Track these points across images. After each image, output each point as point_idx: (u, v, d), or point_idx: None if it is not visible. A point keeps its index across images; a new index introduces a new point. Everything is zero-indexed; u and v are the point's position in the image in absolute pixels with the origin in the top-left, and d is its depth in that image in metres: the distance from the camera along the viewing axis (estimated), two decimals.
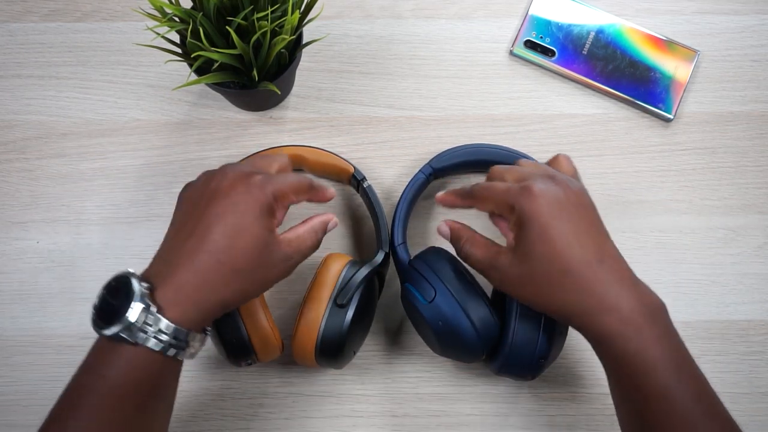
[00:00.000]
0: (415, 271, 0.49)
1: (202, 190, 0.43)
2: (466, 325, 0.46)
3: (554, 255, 0.42)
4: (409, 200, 0.55)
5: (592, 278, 0.42)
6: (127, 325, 0.38)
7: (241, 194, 0.42)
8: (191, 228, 0.42)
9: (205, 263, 0.40)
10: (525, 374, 0.48)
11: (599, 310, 0.41)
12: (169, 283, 0.40)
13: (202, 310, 0.40)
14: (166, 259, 0.42)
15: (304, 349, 0.48)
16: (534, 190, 0.43)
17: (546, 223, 0.42)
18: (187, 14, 0.49)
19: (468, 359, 0.50)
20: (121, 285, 0.39)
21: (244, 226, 0.41)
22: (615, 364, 0.42)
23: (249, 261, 0.41)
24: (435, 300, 0.47)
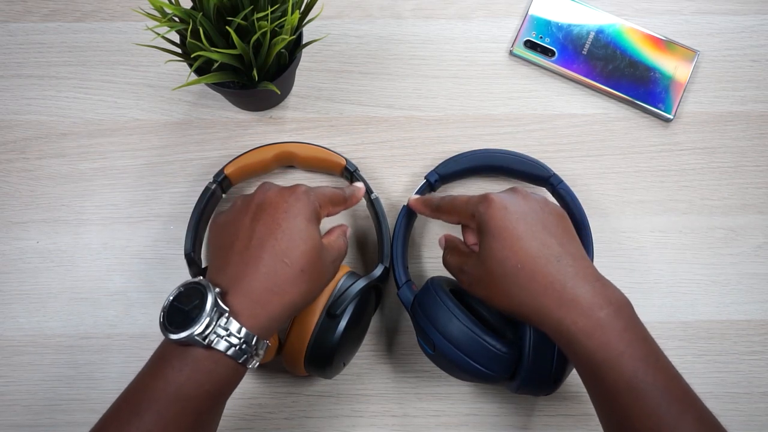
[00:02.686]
0: (414, 320, 0.49)
1: (246, 207, 0.45)
2: (473, 368, 0.46)
3: (510, 252, 0.43)
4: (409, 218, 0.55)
5: (549, 273, 0.42)
6: (201, 329, 0.38)
7: (291, 202, 0.44)
8: (246, 239, 0.43)
9: (271, 266, 0.42)
10: (542, 392, 0.48)
11: (557, 305, 0.41)
12: (238, 288, 0.41)
13: (271, 315, 0.41)
14: (227, 272, 0.42)
15: (293, 357, 0.48)
16: (491, 197, 0.46)
17: (501, 225, 0.44)
18: (187, 14, 0.49)
19: (487, 386, 0.53)
20: (193, 291, 0.40)
21: (301, 229, 0.43)
22: (579, 360, 0.41)
23: (310, 261, 0.43)
24: (436, 351, 0.47)
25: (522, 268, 0.43)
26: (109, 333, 0.56)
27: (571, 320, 0.41)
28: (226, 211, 0.47)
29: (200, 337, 0.39)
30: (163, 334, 0.40)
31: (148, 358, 0.41)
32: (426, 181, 0.56)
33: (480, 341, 0.46)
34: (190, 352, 0.39)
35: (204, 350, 0.39)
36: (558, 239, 0.44)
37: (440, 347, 0.47)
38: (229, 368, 0.40)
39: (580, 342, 0.40)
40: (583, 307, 0.41)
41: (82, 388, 0.55)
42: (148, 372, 0.41)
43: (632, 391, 0.39)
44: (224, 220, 0.47)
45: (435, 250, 0.58)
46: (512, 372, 0.47)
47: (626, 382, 0.39)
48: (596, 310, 0.40)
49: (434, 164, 0.58)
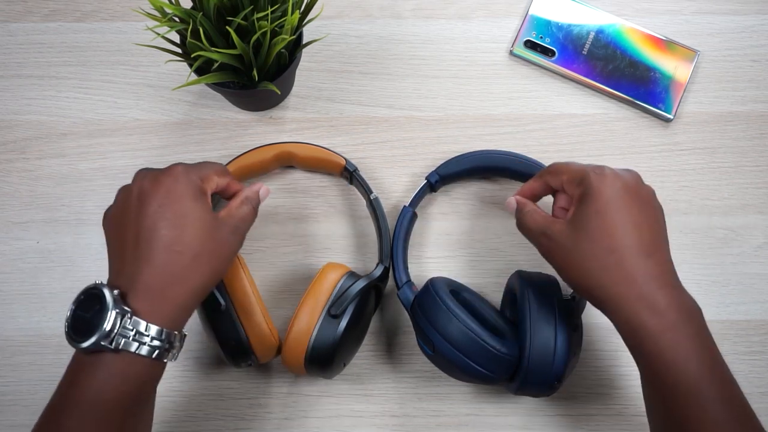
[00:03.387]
0: (414, 321, 0.49)
1: (127, 200, 0.43)
2: (472, 369, 0.46)
3: (606, 233, 0.42)
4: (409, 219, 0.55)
5: (636, 267, 0.41)
6: (105, 333, 0.38)
7: (170, 184, 0.42)
8: (134, 235, 0.41)
9: (164, 258, 0.40)
10: (542, 393, 0.48)
11: (636, 298, 0.41)
12: (137, 286, 0.40)
13: (177, 306, 0.40)
14: (124, 271, 0.41)
15: (294, 357, 0.48)
16: (607, 172, 0.44)
17: (608, 202, 0.43)
18: (187, 14, 0.49)
19: (487, 387, 0.53)
20: (92, 297, 0.39)
21: (186, 212, 0.42)
22: (646, 358, 0.41)
23: (203, 243, 0.41)
24: (435, 352, 0.47)
25: (613, 253, 0.42)
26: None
27: (646, 316, 0.40)
28: (112, 205, 0.45)
29: (107, 342, 0.38)
30: (71, 344, 0.39)
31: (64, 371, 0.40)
32: (426, 181, 0.56)
33: (480, 342, 0.46)
34: (101, 358, 0.38)
35: (113, 354, 0.38)
36: (654, 236, 0.43)
37: (440, 348, 0.47)
38: (145, 366, 0.40)
39: (650, 339, 0.40)
40: (659, 307, 0.41)
41: None
42: (65, 383, 0.40)
43: (695, 397, 0.39)
44: (111, 215, 0.44)
45: (435, 251, 0.58)
46: (512, 373, 0.47)
47: (691, 386, 0.39)
48: (670, 313, 0.40)
49: (434, 164, 0.58)
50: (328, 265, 0.51)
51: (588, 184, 0.44)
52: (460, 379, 0.49)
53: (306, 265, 0.58)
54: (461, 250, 0.58)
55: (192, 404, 0.54)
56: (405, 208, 0.55)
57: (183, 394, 0.54)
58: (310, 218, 0.59)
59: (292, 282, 0.57)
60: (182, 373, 0.55)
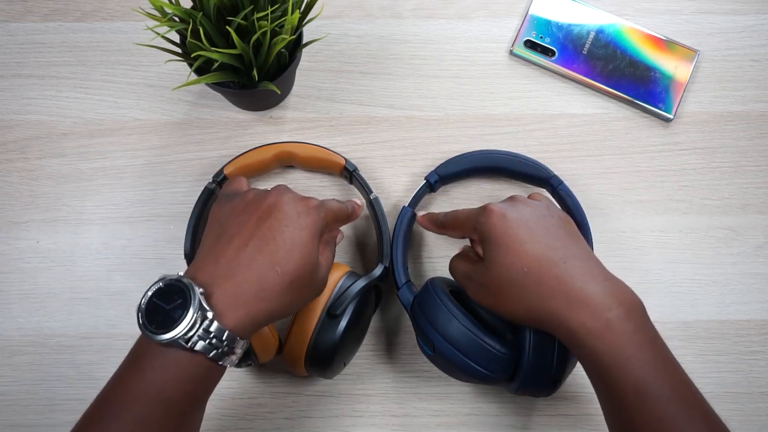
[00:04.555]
0: (414, 321, 0.49)
1: (257, 205, 0.44)
2: (472, 369, 0.46)
3: (515, 258, 0.43)
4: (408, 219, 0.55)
5: (557, 276, 0.42)
6: (185, 331, 0.37)
7: (302, 213, 0.43)
8: (247, 237, 0.42)
9: (263, 273, 0.41)
10: (542, 393, 0.48)
11: (566, 306, 0.41)
12: (226, 288, 0.40)
13: (253, 319, 0.40)
14: (219, 263, 0.41)
15: (294, 357, 0.48)
16: (490, 207, 0.46)
17: (502, 233, 0.44)
18: (187, 14, 0.49)
19: (486, 386, 0.53)
20: (175, 289, 0.39)
21: (302, 243, 0.42)
22: (588, 362, 0.41)
23: (302, 276, 0.42)
24: (435, 352, 0.47)
25: (528, 272, 0.42)
26: (109, 333, 0.56)
27: (580, 321, 0.40)
28: (235, 199, 0.45)
29: (183, 340, 0.38)
30: (144, 334, 0.38)
31: (125, 357, 0.40)
32: (426, 181, 0.56)
33: (479, 342, 0.46)
34: (172, 354, 0.38)
35: (186, 352, 0.38)
36: (562, 241, 0.44)
37: (440, 348, 0.47)
38: (210, 369, 0.39)
39: (588, 344, 0.40)
40: (592, 308, 0.40)
41: (82, 388, 0.55)
42: (127, 372, 0.39)
43: (639, 396, 0.39)
44: (230, 209, 0.45)
45: (435, 251, 0.58)
46: (512, 373, 0.47)
47: (633, 386, 0.39)
48: (605, 311, 0.40)
49: (434, 164, 0.58)
50: None
51: (480, 227, 0.46)
52: (460, 379, 0.49)
53: None
54: None
55: None
56: (404, 208, 0.55)
57: None
58: None
59: None
60: None
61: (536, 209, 0.46)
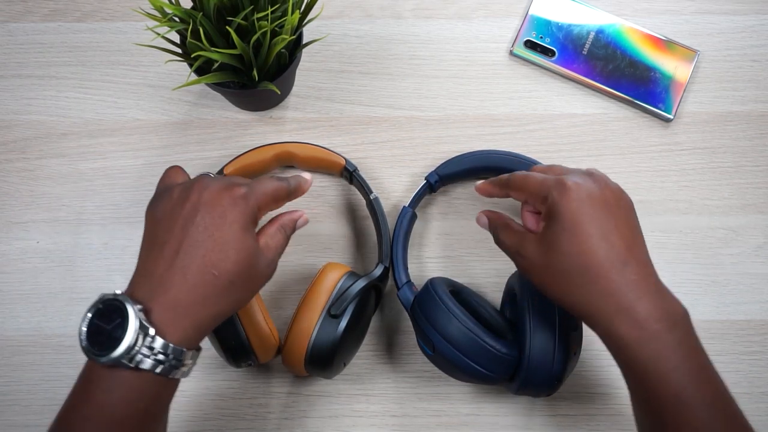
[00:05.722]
0: (414, 321, 0.49)
1: (181, 203, 0.42)
2: (472, 369, 0.46)
3: (578, 251, 0.42)
4: (409, 219, 0.55)
5: (612, 280, 0.41)
6: (126, 350, 0.37)
7: (227, 206, 0.41)
8: (177, 244, 0.40)
9: (200, 278, 0.39)
10: (542, 393, 0.48)
11: (615, 312, 0.40)
12: (163, 302, 0.39)
13: (198, 327, 0.40)
14: (153, 277, 0.40)
15: (294, 357, 0.48)
16: (568, 184, 0.43)
17: (574, 218, 0.42)
18: (187, 14, 0.49)
19: (487, 387, 0.53)
20: (113, 309, 0.38)
21: (234, 239, 0.41)
22: (630, 369, 0.41)
23: (242, 272, 0.41)
24: (435, 353, 0.47)
25: (587, 269, 0.41)
26: None
27: (626, 329, 0.40)
28: (161, 200, 0.43)
29: (126, 359, 0.37)
30: (87, 356, 0.38)
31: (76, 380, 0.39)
32: (426, 181, 0.56)
33: (480, 342, 0.46)
34: (118, 374, 0.37)
35: (131, 371, 0.37)
36: (627, 241, 0.43)
37: (440, 348, 0.47)
38: (160, 383, 0.39)
39: (632, 351, 0.40)
40: (639, 317, 0.40)
41: None
42: (78, 396, 0.39)
43: (679, 405, 0.39)
44: (160, 211, 0.42)
45: (435, 251, 0.58)
46: (512, 373, 0.47)
47: (674, 395, 0.39)
48: (652, 322, 0.40)
49: (434, 164, 0.58)
50: (328, 265, 0.51)
51: (552, 202, 0.43)
52: (460, 379, 0.49)
53: (306, 265, 0.58)
54: (461, 250, 0.58)
55: (192, 404, 0.54)
56: (404, 208, 0.55)
57: (183, 394, 0.54)
58: (310, 218, 0.59)
59: (292, 282, 0.57)
60: None
61: (610, 194, 0.44)
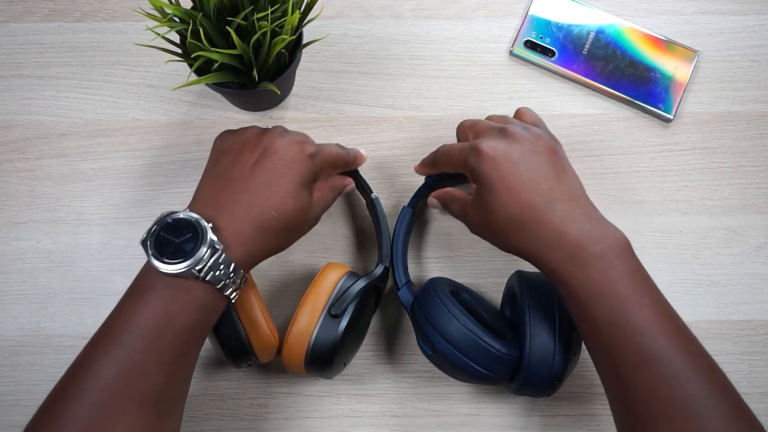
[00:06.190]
0: (414, 321, 0.49)
1: (254, 145, 0.46)
2: (472, 369, 0.47)
3: (502, 205, 0.45)
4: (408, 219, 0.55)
5: (538, 221, 0.44)
6: (197, 261, 0.39)
7: (296, 159, 0.46)
8: (243, 181, 0.45)
9: (262, 215, 0.44)
10: (542, 393, 0.48)
11: (545, 248, 0.43)
12: (229, 227, 0.43)
13: (253, 255, 0.44)
14: (220, 205, 0.44)
15: (294, 357, 0.48)
16: (480, 148, 0.46)
17: (492, 177, 0.45)
18: (187, 14, 0.49)
19: (487, 387, 0.53)
20: (184, 224, 0.41)
21: (295, 189, 0.45)
22: (566, 297, 0.43)
23: (295, 219, 0.46)
24: (435, 353, 0.47)
25: (513, 218, 0.44)
26: None
27: (557, 261, 0.42)
28: (235, 134, 0.48)
29: (195, 270, 0.40)
30: (155, 265, 0.40)
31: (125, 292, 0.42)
32: (426, 182, 0.56)
33: (479, 342, 0.46)
34: (181, 283, 0.40)
35: (197, 282, 0.40)
36: (548, 183, 0.45)
37: (440, 348, 0.47)
38: (215, 298, 0.42)
39: (563, 280, 0.42)
40: (568, 248, 0.42)
41: None
42: (134, 304, 0.41)
43: (613, 328, 0.40)
44: (230, 145, 0.47)
45: (435, 251, 0.58)
46: (512, 373, 0.47)
47: (606, 319, 0.40)
48: (581, 250, 0.42)
49: None
50: (328, 265, 0.51)
51: (471, 167, 0.47)
52: (460, 379, 0.49)
53: (306, 265, 0.58)
54: (461, 250, 0.58)
55: (192, 404, 0.54)
56: (404, 208, 0.55)
57: None
58: None
59: (292, 282, 0.57)
60: None
61: (526, 144, 0.47)
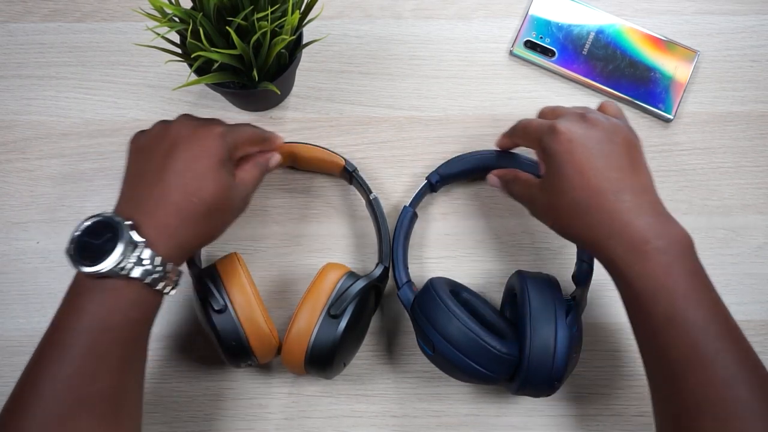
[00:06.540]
0: (414, 321, 0.49)
1: (162, 138, 0.46)
2: (472, 369, 0.47)
3: (570, 187, 0.45)
4: (409, 219, 0.55)
5: (606, 208, 0.43)
6: (118, 259, 0.39)
7: (206, 141, 0.45)
8: (159, 173, 0.44)
9: (182, 204, 0.43)
10: (542, 394, 0.48)
11: (608, 235, 0.43)
12: (149, 221, 0.42)
13: (181, 246, 0.43)
14: (138, 201, 0.43)
15: (293, 357, 0.48)
16: (558, 128, 0.46)
17: (565, 158, 0.45)
18: (187, 14, 0.49)
19: (487, 387, 0.53)
20: (102, 225, 0.41)
21: (212, 170, 0.45)
22: (624, 292, 0.43)
23: (218, 201, 0.45)
24: (435, 353, 0.47)
25: (580, 202, 0.44)
26: None
27: (620, 250, 0.42)
28: (145, 134, 0.47)
29: (118, 269, 0.40)
30: (77, 267, 0.40)
31: (61, 302, 0.42)
32: (427, 181, 0.56)
33: (479, 342, 0.46)
34: (109, 284, 0.40)
35: (122, 280, 0.40)
36: (620, 173, 0.45)
37: (440, 348, 0.47)
38: (148, 295, 0.42)
39: (622, 271, 0.42)
40: (631, 239, 0.42)
41: None
42: (68, 311, 0.41)
43: (670, 324, 0.40)
44: (141, 145, 0.47)
45: (435, 251, 0.58)
46: (512, 373, 0.47)
47: (664, 315, 0.40)
48: (643, 243, 0.42)
49: (434, 164, 0.58)
50: (327, 265, 0.51)
51: (545, 146, 0.47)
52: (460, 379, 0.49)
53: (306, 265, 0.58)
54: (461, 250, 0.58)
55: (192, 404, 0.54)
56: (405, 207, 0.55)
57: (184, 394, 0.54)
58: (310, 218, 0.59)
59: (292, 282, 0.57)
60: (183, 373, 0.55)
61: (602, 132, 0.46)
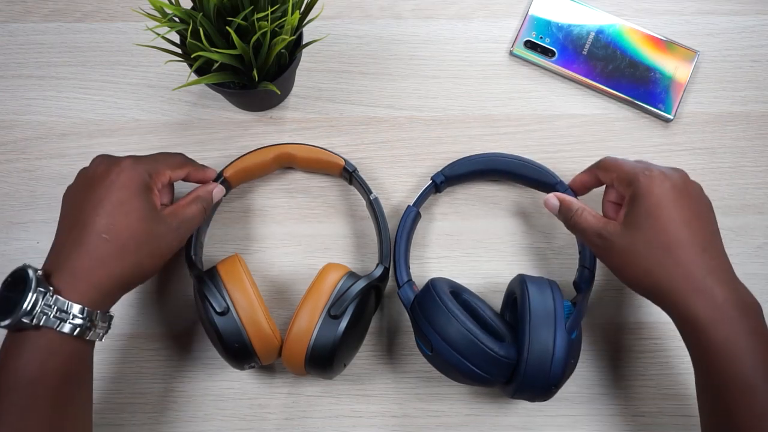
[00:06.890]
0: (414, 321, 0.49)
1: (79, 184, 0.46)
2: (469, 370, 0.46)
3: (660, 231, 0.44)
4: (412, 218, 0.55)
5: (692, 261, 0.43)
6: (26, 311, 0.39)
7: (114, 175, 0.45)
8: (74, 219, 0.44)
9: (92, 244, 0.42)
10: (538, 398, 0.48)
11: (692, 291, 0.42)
12: (63, 268, 0.42)
13: (99, 288, 0.42)
14: (57, 250, 0.44)
15: (294, 358, 0.48)
16: (655, 172, 0.46)
17: (658, 202, 0.44)
18: (187, 14, 0.49)
19: (482, 389, 0.53)
20: (19, 279, 0.41)
21: (123, 202, 0.44)
22: (701, 351, 0.42)
23: (134, 235, 0.44)
24: (433, 352, 0.47)
25: (668, 250, 0.43)
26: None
27: (703, 309, 0.41)
28: (71, 185, 0.48)
29: (28, 319, 0.39)
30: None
31: None
32: (432, 181, 0.56)
33: (477, 344, 0.46)
34: (25, 336, 0.40)
35: (35, 331, 0.40)
36: (706, 232, 0.45)
37: (437, 348, 0.47)
38: (69, 343, 0.41)
39: (706, 331, 0.41)
40: (716, 300, 0.42)
41: None
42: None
43: (747, 389, 0.40)
44: (66, 194, 0.47)
45: (436, 251, 0.58)
46: (509, 376, 0.47)
47: (743, 379, 0.40)
48: (728, 307, 0.41)
49: (434, 165, 0.58)
50: (328, 265, 0.51)
51: (638, 186, 0.45)
52: (457, 380, 0.49)
53: (306, 265, 0.58)
54: (462, 251, 0.58)
55: (193, 405, 0.54)
56: (409, 207, 0.55)
57: (184, 394, 0.54)
58: (310, 218, 0.59)
59: (292, 282, 0.57)
60: (183, 373, 0.55)
61: (693, 189, 0.46)
